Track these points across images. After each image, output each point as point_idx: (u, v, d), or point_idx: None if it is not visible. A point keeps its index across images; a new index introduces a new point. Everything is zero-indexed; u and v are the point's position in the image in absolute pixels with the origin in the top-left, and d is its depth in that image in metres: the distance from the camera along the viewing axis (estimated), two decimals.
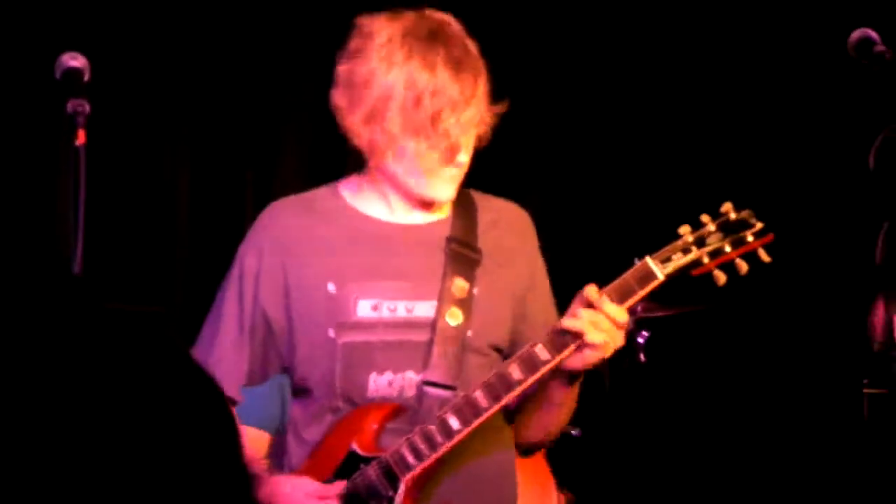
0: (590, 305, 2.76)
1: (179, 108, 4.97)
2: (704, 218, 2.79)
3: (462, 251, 2.92)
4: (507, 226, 3.00)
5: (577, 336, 2.77)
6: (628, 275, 2.79)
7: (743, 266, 2.78)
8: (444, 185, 2.88)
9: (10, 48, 4.61)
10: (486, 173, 3.02)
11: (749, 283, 2.84)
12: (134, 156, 4.87)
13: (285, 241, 2.94)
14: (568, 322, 2.77)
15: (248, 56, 5.02)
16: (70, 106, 3.11)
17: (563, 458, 4.36)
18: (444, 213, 2.97)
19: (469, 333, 2.88)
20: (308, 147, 5.03)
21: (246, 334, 2.91)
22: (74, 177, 3.05)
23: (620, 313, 2.77)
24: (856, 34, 3.27)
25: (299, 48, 5.03)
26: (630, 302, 2.80)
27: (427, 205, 2.94)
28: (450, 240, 2.93)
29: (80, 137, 3.09)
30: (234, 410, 2.96)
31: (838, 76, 4.41)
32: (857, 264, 3.71)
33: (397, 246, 2.92)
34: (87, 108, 3.11)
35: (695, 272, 2.78)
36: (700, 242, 2.78)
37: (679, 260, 2.77)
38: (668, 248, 2.78)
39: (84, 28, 4.56)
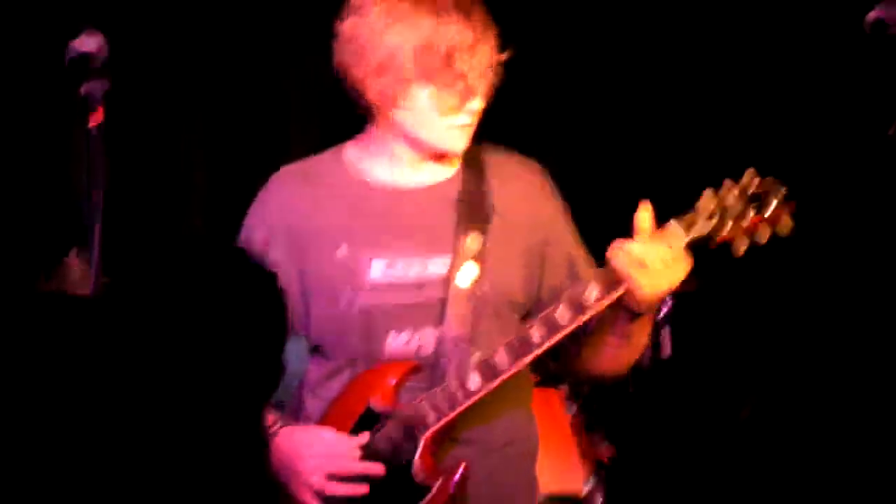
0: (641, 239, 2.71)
1: (195, 84, 4.96)
2: (727, 183, 2.76)
3: (473, 207, 2.91)
4: (519, 179, 2.98)
5: (620, 282, 2.72)
6: None
7: (765, 234, 2.73)
8: (459, 135, 2.87)
9: (31, 26, 4.60)
10: (503, 136, 3.00)
11: (768, 252, 2.81)
12: (151, 135, 4.86)
13: (292, 207, 2.94)
14: (615, 263, 2.71)
15: (263, 26, 5.01)
16: (84, 89, 3.10)
17: (606, 411, 4.38)
18: (453, 169, 2.95)
19: (484, 288, 2.87)
20: (324, 119, 5.02)
21: None
22: (90, 160, 3.05)
23: (669, 253, 2.70)
24: (872, 14, 3.25)
25: (313, 29, 5.01)
26: None
27: (438, 157, 2.92)
28: (461, 196, 2.92)
29: (94, 120, 3.08)
30: None
31: (853, 54, 4.38)
32: (881, 234, 3.68)
33: (407, 206, 2.91)
34: (102, 89, 3.10)
35: (717, 239, 2.75)
36: (722, 208, 2.74)
37: (702, 225, 2.74)
38: (691, 213, 2.74)
39: (102, 6, 4.55)
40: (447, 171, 2.94)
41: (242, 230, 2.99)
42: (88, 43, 3.11)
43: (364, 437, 2.83)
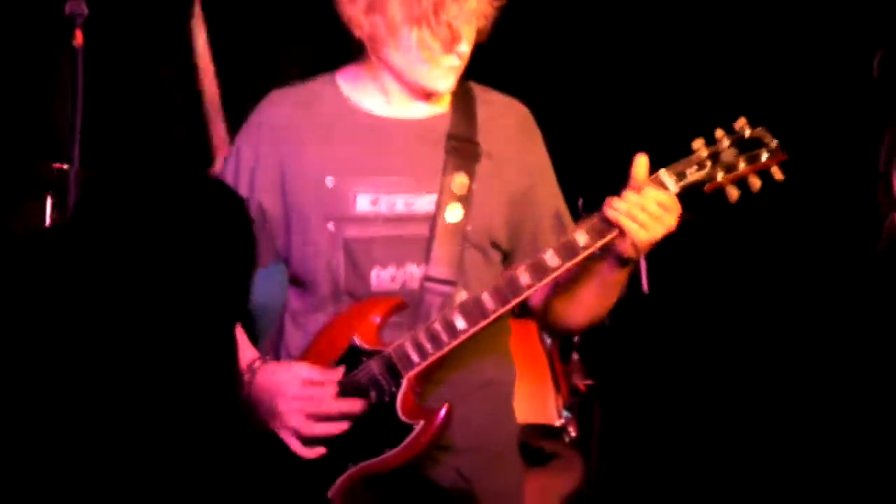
0: (636, 187, 2.74)
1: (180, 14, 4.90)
2: (718, 133, 2.77)
3: (462, 146, 2.90)
4: (508, 121, 2.98)
5: (613, 226, 2.75)
6: None
7: (756, 183, 2.77)
8: (445, 76, 2.86)
9: None
10: (491, 77, 2.98)
11: (759, 198, 2.82)
12: (131, 56, 4.81)
13: (282, 132, 2.92)
14: (609, 212, 2.74)
15: None
16: (68, 8, 3.07)
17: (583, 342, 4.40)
18: (443, 106, 2.94)
19: (469, 228, 2.87)
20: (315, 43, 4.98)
21: None
22: (73, 77, 3.03)
23: (665, 198, 2.73)
24: None
25: None
26: None
27: (427, 96, 2.91)
28: (450, 135, 2.91)
29: (78, 38, 3.06)
30: None
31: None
32: (864, 177, 3.70)
33: (396, 140, 2.90)
34: (85, 9, 3.07)
35: (708, 187, 2.77)
36: (714, 158, 2.76)
37: (693, 174, 2.76)
38: (682, 162, 2.77)
39: None
40: (438, 108, 2.93)
41: (232, 151, 2.97)
42: None
43: (341, 372, 2.83)
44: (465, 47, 2.84)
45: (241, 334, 2.96)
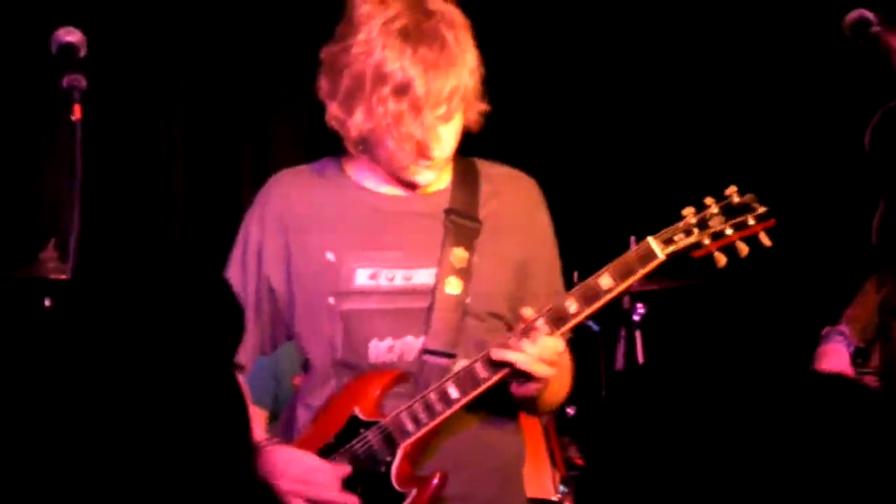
0: (528, 329, 2.77)
1: (175, 82, 4.95)
2: (708, 200, 2.80)
3: (461, 222, 2.93)
4: (510, 194, 2.99)
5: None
6: (630, 254, 2.80)
7: (744, 249, 2.78)
8: (423, 172, 2.90)
9: (6, 23, 4.58)
10: (487, 150, 3.01)
11: (749, 263, 2.83)
12: (130, 130, 4.85)
13: (287, 211, 2.95)
14: (505, 354, 2.77)
15: (242, 29, 5.00)
16: (66, 81, 3.09)
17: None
18: (444, 182, 2.97)
19: (468, 301, 2.89)
20: (304, 121, 5.01)
21: (252, 307, 2.94)
22: (71, 151, 3.04)
23: (557, 344, 2.78)
24: (852, 15, 3.26)
25: (294, 21, 5.00)
26: (630, 280, 2.81)
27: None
28: (449, 210, 2.94)
29: (77, 112, 3.07)
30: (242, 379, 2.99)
31: (835, 57, 4.40)
32: (855, 245, 3.71)
33: (397, 216, 2.93)
34: (84, 82, 3.09)
35: (696, 254, 2.78)
36: (702, 224, 2.78)
37: (681, 241, 2.78)
38: (671, 228, 2.79)
39: (80, 2, 4.53)
40: (439, 183, 2.96)
41: (241, 228, 3.01)
42: (72, 33, 3.11)
43: (344, 468, 2.85)
44: (438, 152, 2.85)
45: (257, 418, 2.99)
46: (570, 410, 4.54)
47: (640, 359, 4.57)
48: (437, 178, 2.94)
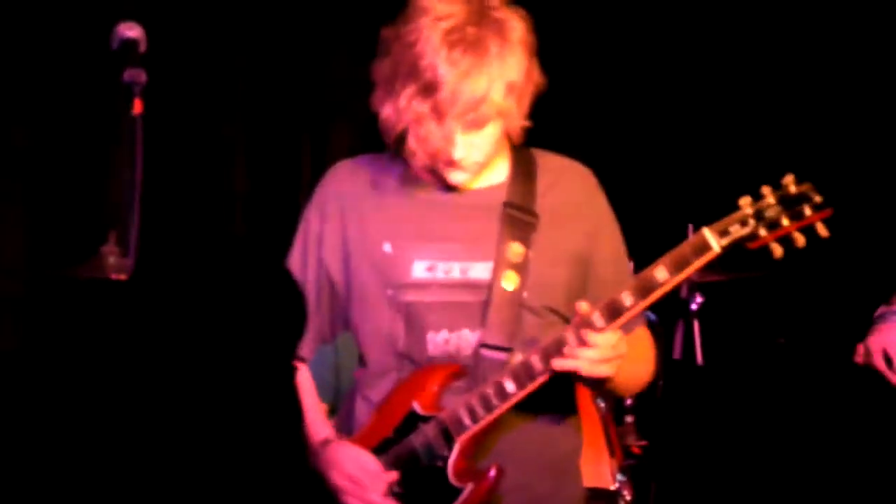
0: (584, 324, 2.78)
1: (235, 75, 4.98)
2: (765, 190, 2.78)
3: (518, 215, 2.93)
4: (568, 186, 3.00)
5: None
6: (685, 245, 2.79)
7: (800, 240, 2.76)
8: (458, 175, 2.91)
9: (67, 19, 4.63)
10: (544, 140, 3.01)
11: (806, 253, 2.82)
12: (190, 124, 4.88)
13: (345, 201, 2.98)
14: (565, 364, 2.79)
15: (301, 22, 5.02)
16: (127, 76, 3.12)
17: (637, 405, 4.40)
18: (501, 175, 2.97)
19: (525, 295, 2.90)
20: (362, 111, 5.03)
21: (312, 296, 2.97)
22: (131, 147, 3.07)
23: (612, 339, 2.77)
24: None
25: (353, 15, 5.02)
26: (686, 272, 2.80)
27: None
28: (506, 204, 2.94)
29: (137, 107, 3.10)
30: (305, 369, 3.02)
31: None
32: None
33: (454, 209, 2.94)
34: (144, 77, 3.11)
35: (751, 245, 2.77)
36: (758, 215, 2.76)
37: (736, 232, 2.77)
38: (726, 219, 2.78)
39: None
40: (497, 176, 2.97)
41: (301, 220, 3.04)
42: (133, 28, 3.14)
43: (393, 473, 2.88)
44: (464, 157, 2.85)
45: (320, 411, 3.04)
46: (628, 400, 4.54)
47: (698, 349, 4.56)
48: (488, 173, 2.95)
